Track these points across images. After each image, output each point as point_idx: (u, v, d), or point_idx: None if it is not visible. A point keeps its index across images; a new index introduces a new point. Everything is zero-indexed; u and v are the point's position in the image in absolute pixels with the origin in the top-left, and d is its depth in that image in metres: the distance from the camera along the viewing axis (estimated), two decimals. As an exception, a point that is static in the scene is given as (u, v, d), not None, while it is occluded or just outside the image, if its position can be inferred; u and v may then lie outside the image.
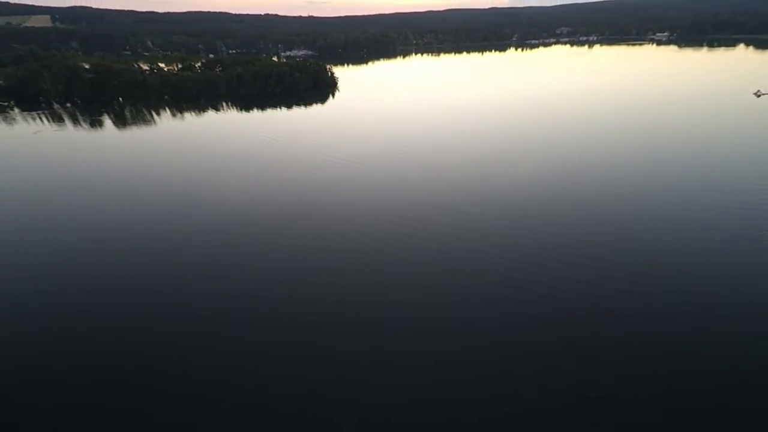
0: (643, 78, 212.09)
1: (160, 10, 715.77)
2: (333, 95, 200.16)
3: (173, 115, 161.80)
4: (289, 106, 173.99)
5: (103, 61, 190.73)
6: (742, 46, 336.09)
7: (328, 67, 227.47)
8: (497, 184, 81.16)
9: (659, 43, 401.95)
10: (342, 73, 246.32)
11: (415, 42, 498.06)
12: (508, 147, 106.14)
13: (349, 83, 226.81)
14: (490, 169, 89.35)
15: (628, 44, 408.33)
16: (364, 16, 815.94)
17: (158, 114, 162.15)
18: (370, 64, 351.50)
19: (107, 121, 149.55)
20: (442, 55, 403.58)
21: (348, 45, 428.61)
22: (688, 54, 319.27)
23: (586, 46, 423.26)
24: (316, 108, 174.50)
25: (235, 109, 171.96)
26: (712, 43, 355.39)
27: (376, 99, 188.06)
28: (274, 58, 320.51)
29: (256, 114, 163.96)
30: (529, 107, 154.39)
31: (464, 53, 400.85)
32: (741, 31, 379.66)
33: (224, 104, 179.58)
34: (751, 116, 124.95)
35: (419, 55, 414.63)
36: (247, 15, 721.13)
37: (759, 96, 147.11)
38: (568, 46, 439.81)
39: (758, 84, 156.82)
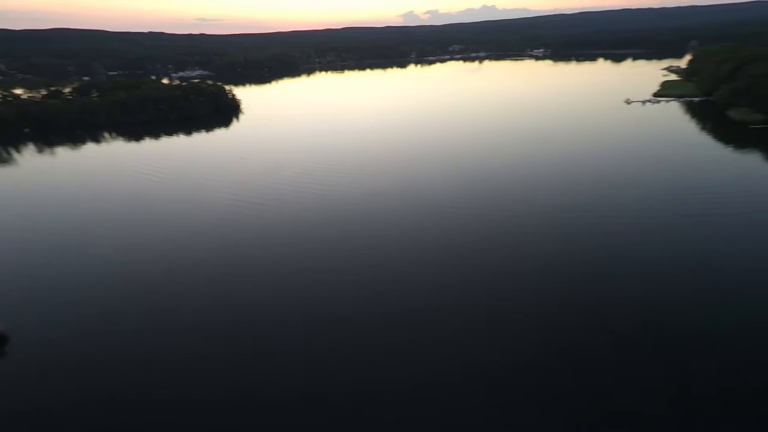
0: (533, 89, 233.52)
1: (15, 27, 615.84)
2: (237, 118, 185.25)
3: (39, 151, 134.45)
4: (188, 133, 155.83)
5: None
6: (601, 59, 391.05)
7: (228, 88, 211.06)
8: (416, 207, 78.58)
9: (537, 58, 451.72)
10: (245, 94, 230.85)
11: (318, 60, 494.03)
12: (426, 161, 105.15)
13: (254, 104, 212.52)
14: (407, 193, 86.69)
15: (513, 59, 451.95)
16: (261, 34, 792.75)
17: (17, 151, 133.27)
18: (274, 83, 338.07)
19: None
20: (346, 72, 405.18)
21: (248, 64, 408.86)
22: (563, 67, 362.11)
23: (477, 62, 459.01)
24: (219, 134, 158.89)
25: (121, 140, 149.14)
26: (579, 58, 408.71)
27: (286, 120, 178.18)
28: (165, 80, 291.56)
29: (148, 144, 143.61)
30: (438, 118, 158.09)
31: (368, 70, 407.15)
32: (598, 47, 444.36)
33: (107, 135, 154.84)
34: (627, 118, 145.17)
35: (324, 73, 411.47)
36: (129, 33, 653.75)
37: (629, 103, 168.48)
38: (461, 61, 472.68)
39: (627, 93, 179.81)
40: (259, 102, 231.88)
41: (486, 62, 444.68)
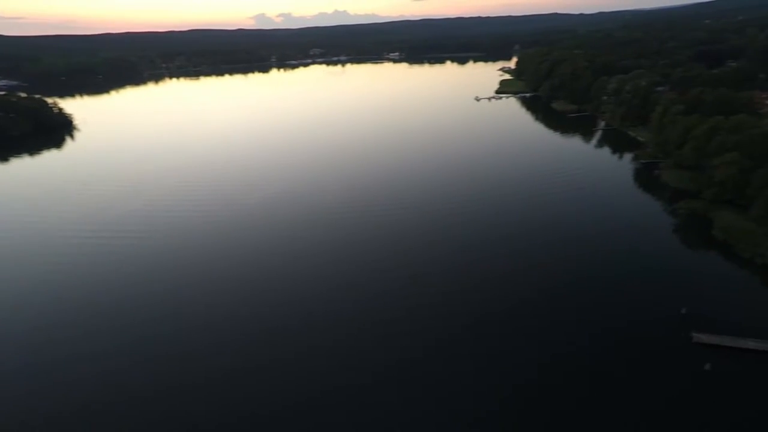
0: (399, 90, 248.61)
1: None
2: (71, 137, 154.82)
3: None
4: (2, 159, 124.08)
5: None
6: (449, 62, 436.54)
7: (51, 101, 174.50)
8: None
9: (394, 61, 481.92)
10: (77, 107, 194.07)
11: (165, 66, 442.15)
12: (305, 167, 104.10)
13: (92, 119, 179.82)
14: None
15: (372, 62, 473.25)
16: (83, 36, 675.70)
17: None
18: (114, 93, 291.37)
19: None
20: (202, 79, 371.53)
21: (74, 72, 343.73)
22: (418, 69, 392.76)
23: (340, 65, 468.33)
24: (48, 157, 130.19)
25: None
26: (430, 60, 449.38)
27: (137, 136, 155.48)
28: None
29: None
30: (315, 122, 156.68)
31: (227, 76, 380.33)
32: (445, 51, 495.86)
33: None
34: (474, 111, 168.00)
35: (175, 80, 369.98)
36: None
37: (479, 100, 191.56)
38: (324, 65, 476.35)
39: (475, 91, 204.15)
40: (99, 116, 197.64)
41: (348, 65, 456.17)
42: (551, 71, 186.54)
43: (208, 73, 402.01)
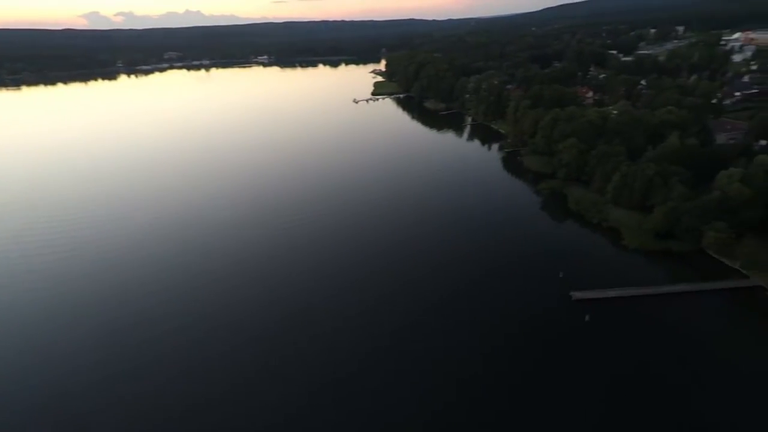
0: (275, 94, 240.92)
1: None
2: None
3: None
4: None
5: None
6: (321, 65, 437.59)
7: None
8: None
9: (264, 64, 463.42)
10: None
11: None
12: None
13: None
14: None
15: (240, 66, 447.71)
16: None
17: None
18: None
19: None
20: (25, 90, 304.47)
21: None
22: (291, 73, 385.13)
23: (204, 70, 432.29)
24: None
25: None
26: (302, 64, 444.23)
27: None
28: None
29: None
30: (187, 136, 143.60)
31: (61, 85, 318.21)
32: (316, 54, 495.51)
33: None
34: (356, 113, 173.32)
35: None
36: None
37: (357, 102, 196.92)
38: (184, 70, 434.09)
39: (352, 93, 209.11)
40: None
41: (213, 70, 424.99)
42: (418, 73, 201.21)
43: (32, 83, 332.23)
